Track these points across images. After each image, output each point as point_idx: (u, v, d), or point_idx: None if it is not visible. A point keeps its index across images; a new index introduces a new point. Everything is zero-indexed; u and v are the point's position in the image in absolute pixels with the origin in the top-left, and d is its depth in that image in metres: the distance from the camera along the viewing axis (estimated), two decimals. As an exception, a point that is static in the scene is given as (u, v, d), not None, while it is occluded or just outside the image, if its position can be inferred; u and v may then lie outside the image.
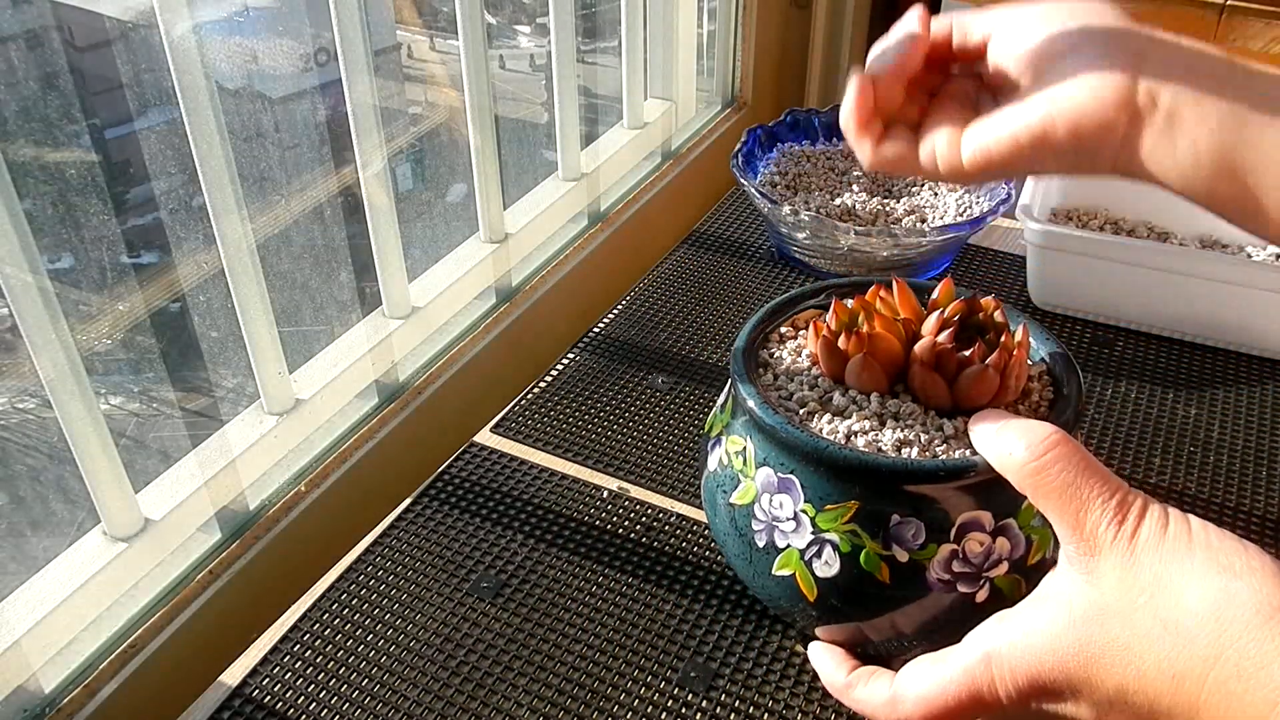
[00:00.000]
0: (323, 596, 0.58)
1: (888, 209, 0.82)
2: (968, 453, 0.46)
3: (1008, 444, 0.39)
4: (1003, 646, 0.38)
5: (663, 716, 0.51)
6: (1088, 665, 0.35)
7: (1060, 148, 0.40)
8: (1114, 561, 0.36)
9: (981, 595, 0.46)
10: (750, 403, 0.47)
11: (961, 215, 0.81)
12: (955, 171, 0.43)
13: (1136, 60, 0.39)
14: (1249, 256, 0.81)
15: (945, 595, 0.45)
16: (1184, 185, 0.40)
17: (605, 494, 0.64)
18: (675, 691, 0.52)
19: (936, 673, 0.40)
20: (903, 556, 0.45)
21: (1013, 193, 0.80)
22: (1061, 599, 0.37)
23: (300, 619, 0.56)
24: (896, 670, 0.43)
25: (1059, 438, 0.38)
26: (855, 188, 0.85)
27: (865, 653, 0.53)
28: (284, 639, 0.55)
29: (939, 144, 0.43)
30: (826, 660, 0.47)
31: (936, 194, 0.85)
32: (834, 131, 0.91)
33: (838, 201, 0.83)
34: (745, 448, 0.48)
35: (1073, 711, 0.36)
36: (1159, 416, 0.71)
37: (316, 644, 0.55)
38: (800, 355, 0.53)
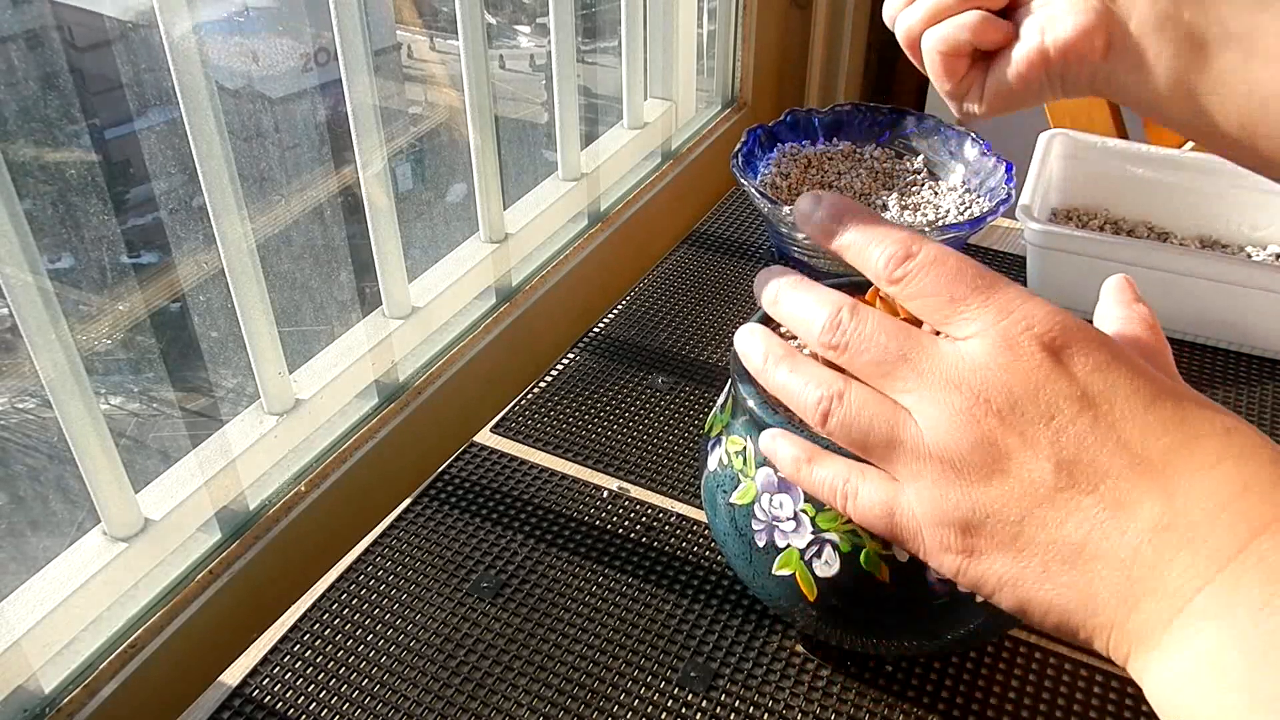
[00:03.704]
0: (323, 596, 0.58)
1: (888, 208, 0.82)
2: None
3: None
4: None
5: (663, 716, 0.51)
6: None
7: (1053, 71, 0.46)
8: None
9: (981, 595, 0.46)
10: (750, 402, 0.47)
11: (961, 215, 0.81)
12: (990, 115, 0.50)
13: None
14: (1249, 256, 0.81)
15: (944, 594, 0.45)
16: (1147, 107, 0.46)
17: (605, 494, 0.64)
18: (675, 691, 0.52)
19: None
20: (903, 556, 0.45)
21: (1013, 193, 0.80)
22: None
23: (300, 619, 0.56)
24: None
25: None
26: (855, 188, 0.85)
27: (864, 653, 0.53)
28: (284, 639, 0.55)
29: (970, 105, 0.50)
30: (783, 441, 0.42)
31: (937, 193, 0.85)
32: (834, 132, 0.91)
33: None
34: (745, 448, 0.48)
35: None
36: (1159, 416, 0.71)
37: (316, 644, 0.55)
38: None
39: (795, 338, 0.48)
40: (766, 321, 0.50)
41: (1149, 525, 0.31)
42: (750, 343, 0.41)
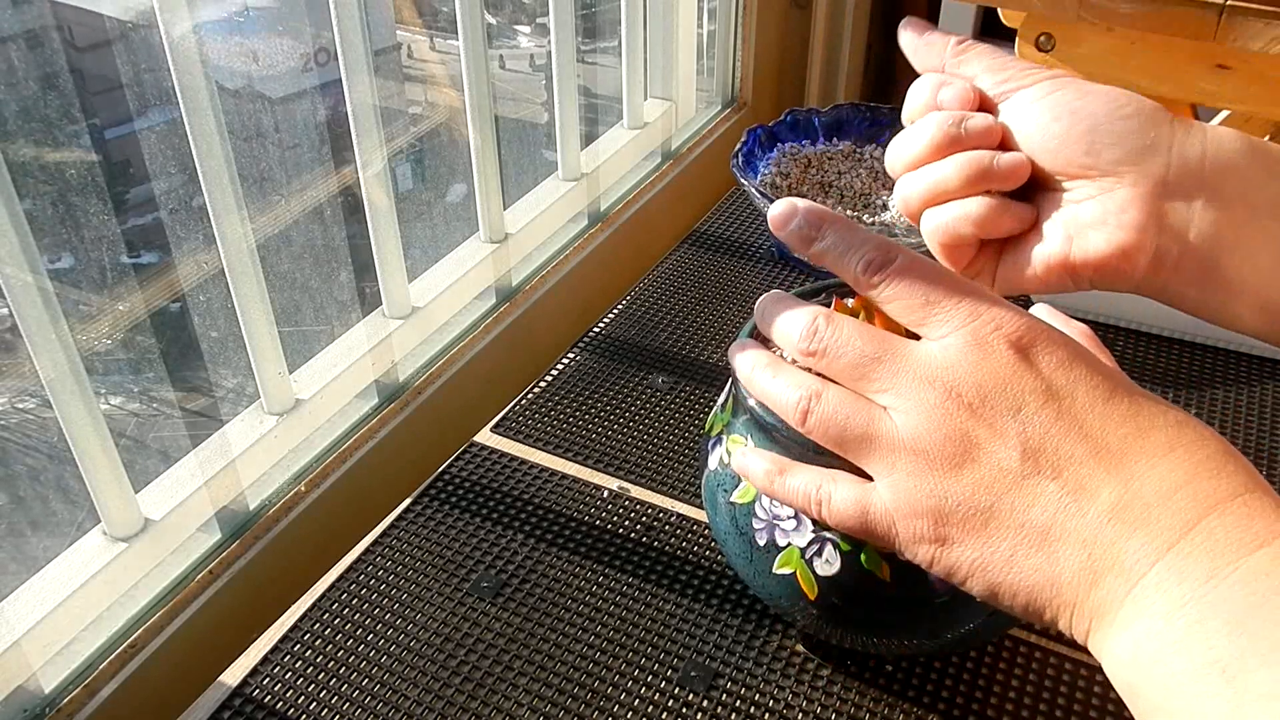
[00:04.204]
0: (323, 596, 0.58)
1: (888, 208, 0.82)
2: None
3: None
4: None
5: (663, 716, 0.51)
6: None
7: (1080, 280, 0.42)
8: None
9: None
10: (751, 401, 0.47)
11: (961, 215, 0.81)
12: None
13: (1158, 192, 0.39)
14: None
15: (945, 593, 0.45)
16: (1215, 317, 0.41)
17: (605, 494, 0.64)
18: (675, 691, 0.52)
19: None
20: (903, 556, 0.45)
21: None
22: None
23: (300, 619, 0.56)
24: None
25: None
26: (855, 188, 0.85)
27: (864, 652, 0.53)
28: (284, 639, 0.55)
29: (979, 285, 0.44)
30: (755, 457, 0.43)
31: (936, 194, 0.85)
32: (834, 131, 0.91)
33: (837, 201, 0.83)
34: (746, 447, 0.48)
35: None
36: (1159, 416, 0.70)
37: (316, 644, 0.55)
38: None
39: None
40: (760, 338, 0.50)
41: (1108, 507, 0.33)
42: (740, 354, 0.43)
